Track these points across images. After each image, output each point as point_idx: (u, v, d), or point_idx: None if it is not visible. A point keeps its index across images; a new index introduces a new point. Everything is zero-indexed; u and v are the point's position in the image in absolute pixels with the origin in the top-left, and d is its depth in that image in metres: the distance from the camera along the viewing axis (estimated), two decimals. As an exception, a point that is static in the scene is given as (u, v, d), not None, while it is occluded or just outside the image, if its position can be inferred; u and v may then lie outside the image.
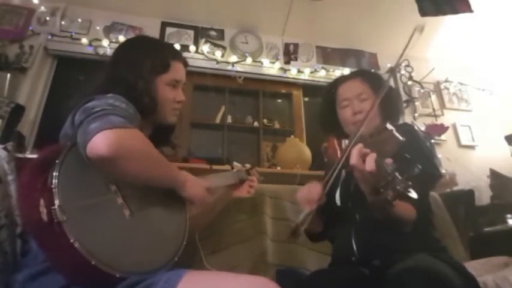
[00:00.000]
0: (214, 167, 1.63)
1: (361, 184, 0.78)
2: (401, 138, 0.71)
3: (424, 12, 2.23)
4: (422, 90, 3.13)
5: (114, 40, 2.61)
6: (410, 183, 0.62)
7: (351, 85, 1.15)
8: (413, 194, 0.62)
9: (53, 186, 0.65)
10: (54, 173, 0.67)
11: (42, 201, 0.64)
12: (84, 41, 2.56)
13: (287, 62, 2.97)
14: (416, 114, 3.06)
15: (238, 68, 2.83)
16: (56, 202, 0.64)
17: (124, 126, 0.71)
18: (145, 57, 0.96)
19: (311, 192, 0.97)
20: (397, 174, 0.64)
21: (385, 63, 3.08)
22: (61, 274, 0.66)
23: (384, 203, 0.73)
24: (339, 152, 1.16)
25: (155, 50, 1.00)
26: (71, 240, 0.62)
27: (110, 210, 0.73)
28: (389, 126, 0.75)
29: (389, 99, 1.05)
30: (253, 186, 1.20)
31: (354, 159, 0.72)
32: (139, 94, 0.89)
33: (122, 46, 1.06)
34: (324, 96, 1.24)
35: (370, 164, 0.69)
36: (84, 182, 0.72)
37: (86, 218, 0.67)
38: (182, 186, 0.85)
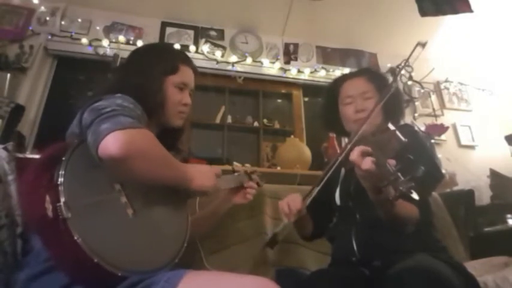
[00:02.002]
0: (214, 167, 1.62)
1: (362, 181, 0.78)
2: (403, 139, 0.71)
3: (424, 12, 2.23)
4: (422, 90, 3.13)
5: (114, 40, 2.61)
6: (413, 184, 0.63)
7: (356, 83, 1.14)
8: (415, 195, 0.62)
9: (58, 183, 0.66)
10: (60, 171, 0.67)
11: (48, 198, 0.65)
12: (84, 41, 2.56)
13: (287, 62, 2.98)
14: (416, 114, 3.06)
15: (238, 68, 2.83)
16: (62, 199, 0.64)
17: (134, 127, 0.72)
18: (156, 59, 0.99)
19: (290, 205, 1.01)
20: (399, 174, 0.64)
21: (385, 63, 3.08)
22: (63, 272, 0.66)
23: (385, 202, 0.73)
24: (338, 151, 1.16)
25: (166, 53, 1.04)
26: (75, 237, 0.62)
27: (114, 208, 0.73)
28: (391, 126, 0.75)
29: (393, 100, 1.05)
30: (250, 193, 1.18)
31: (354, 155, 0.73)
32: (148, 93, 0.91)
33: (136, 51, 1.09)
34: (327, 92, 1.23)
35: (367, 163, 0.69)
36: (89, 180, 0.73)
37: (90, 216, 0.68)
38: (190, 183, 0.86)
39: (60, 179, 0.66)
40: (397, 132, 0.72)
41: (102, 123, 0.70)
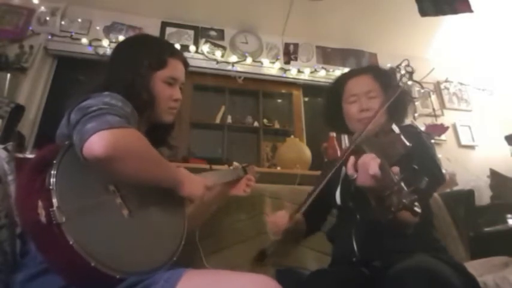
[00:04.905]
0: (214, 167, 1.62)
1: (364, 190, 0.77)
2: (408, 143, 0.70)
3: (424, 12, 2.23)
4: (422, 90, 3.12)
5: (114, 40, 2.61)
6: (416, 196, 0.61)
7: (361, 81, 1.12)
8: (418, 209, 0.61)
9: (51, 187, 0.64)
10: (51, 174, 0.66)
11: (40, 203, 0.63)
12: (84, 41, 2.56)
13: (287, 62, 2.98)
14: (416, 114, 3.06)
15: (238, 68, 2.83)
16: (55, 203, 0.63)
17: (121, 126, 0.70)
18: (143, 54, 0.95)
19: (277, 223, 1.04)
20: (403, 184, 0.63)
21: (385, 63, 3.07)
22: (60, 276, 0.66)
23: (386, 212, 0.72)
24: (338, 151, 1.16)
25: (152, 47, 0.99)
26: (70, 242, 0.61)
27: (109, 210, 0.72)
28: (395, 129, 0.74)
29: (398, 100, 1.03)
30: (249, 185, 1.18)
31: (366, 169, 0.70)
32: (137, 90, 0.89)
33: (120, 45, 1.05)
34: (331, 89, 1.21)
35: (373, 168, 0.67)
36: (82, 182, 0.71)
37: (85, 219, 0.67)
38: (180, 186, 0.85)
39: (52, 183, 0.65)
40: (402, 137, 0.71)
41: (88, 123, 0.68)
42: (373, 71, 1.15)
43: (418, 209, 0.61)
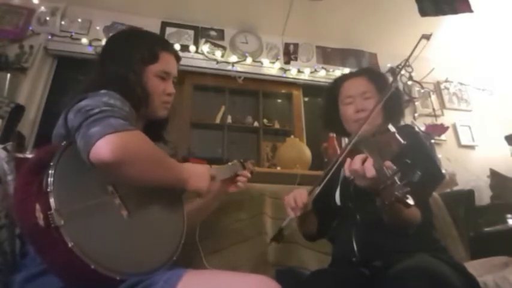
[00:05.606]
0: (214, 167, 1.62)
1: (362, 186, 0.78)
2: (402, 141, 0.71)
3: (424, 12, 2.23)
4: (422, 90, 3.13)
5: (114, 40, 2.61)
6: (408, 189, 0.63)
7: (356, 82, 1.14)
8: (411, 201, 0.63)
9: (48, 190, 0.63)
10: (49, 176, 0.65)
11: (37, 206, 0.62)
12: (84, 41, 2.56)
13: (287, 62, 2.98)
14: (416, 114, 3.06)
15: (238, 68, 2.83)
16: (53, 206, 0.62)
17: (125, 129, 0.69)
18: (134, 48, 0.94)
19: (296, 199, 1.01)
20: (396, 179, 0.65)
21: (385, 63, 3.09)
22: (60, 278, 0.66)
23: (381, 206, 0.74)
24: (338, 151, 1.16)
25: (143, 41, 0.97)
26: (69, 245, 0.60)
27: (108, 211, 0.72)
28: (391, 128, 0.75)
29: (393, 100, 1.05)
30: (242, 181, 1.16)
31: (356, 165, 0.73)
32: (131, 87, 0.88)
33: (111, 39, 1.03)
34: (328, 92, 1.23)
35: (370, 170, 0.70)
36: (80, 183, 0.71)
37: (84, 221, 0.66)
38: (186, 184, 0.85)
39: (50, 186, 0.64)
40: (397, 135, 0.73)
41: (92, 127, 0.67)
42: (367, 73, 1.18)
43: (410, 201, 0.63)
